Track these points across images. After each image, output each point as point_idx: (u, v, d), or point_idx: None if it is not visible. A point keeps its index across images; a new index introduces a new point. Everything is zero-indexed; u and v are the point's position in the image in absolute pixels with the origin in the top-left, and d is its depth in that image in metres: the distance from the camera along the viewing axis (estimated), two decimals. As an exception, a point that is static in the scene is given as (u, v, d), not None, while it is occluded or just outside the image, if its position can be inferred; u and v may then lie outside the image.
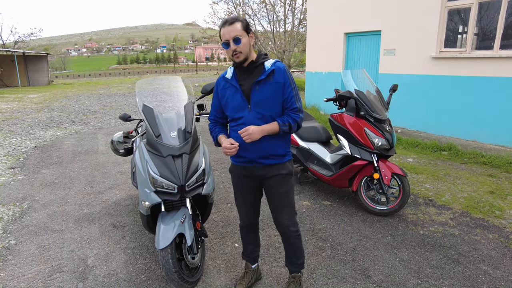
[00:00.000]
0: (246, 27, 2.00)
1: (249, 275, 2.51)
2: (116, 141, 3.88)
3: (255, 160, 2.15)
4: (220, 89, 2.19)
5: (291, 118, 2.09)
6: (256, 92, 2.05)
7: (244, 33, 1.98)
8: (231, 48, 1.98)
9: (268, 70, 2.04)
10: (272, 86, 2.04)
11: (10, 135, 7.56)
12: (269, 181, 2.20)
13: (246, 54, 2.01)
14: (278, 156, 2.16)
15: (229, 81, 2.13)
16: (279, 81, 2.04)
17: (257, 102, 2.05)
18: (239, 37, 1.95)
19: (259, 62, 2.07)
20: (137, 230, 3.38)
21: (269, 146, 2.11)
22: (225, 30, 1.96)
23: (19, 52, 24.34)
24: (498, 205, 3.78)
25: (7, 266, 2.82)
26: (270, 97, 2.05)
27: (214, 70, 56.57)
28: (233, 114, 2.14)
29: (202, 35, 19.20)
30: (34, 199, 4.14)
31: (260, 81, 2.04)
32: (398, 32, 7.12)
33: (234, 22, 1.96)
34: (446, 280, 2.56)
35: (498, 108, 5.73)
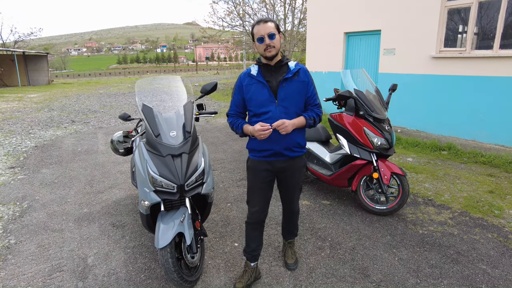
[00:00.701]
0: (277, 27, 2.22)
1: (248, 273, 2.55)
2: (116, 140, 3.89)
3: (281, 152, 2.33)
4: (245, 84, 2.32)
5: (314, 113, 2.36)
6: (283, 88, 2.26)
7: (276, 31, 2.19)
8: (266, 43, 2.16)
9: (294, 69, 2.28)
10: (298, 84, 2.28)
11: (10, 135, 7.57)
12: (287, 172, 2.42)
13: (277, 50, 2.21)
14: (300, 148, 2.40)
15: (254, 78, 2.29)
16: (304, 80, 2.30)
17: (284, 98, 2.26)
18: (274, 33, 2.16)
19: (284, 62, 2.29)
20: (136, 229, 3.38)
21: (294, 138, 2.32)
22: (260, 27, 2.17)
23: (19, 52, 24.34)
24: (498, 205, 3.79)
25: (7, 265, 2.82)
26: (296, 94, 2.28)
27: (214, 70, 56.55)
28: (257, 109, 2.29)
29: (202, 34, 19.21)
30: (34, 199, 4.14)
31: (287, 79, 2.26)
32: (398, 32, 7.12)
33: (268, 21, 2.19)
34: (445, 280, 2.57)
35: (498, 108, 5.73)
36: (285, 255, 2.81)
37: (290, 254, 2.79)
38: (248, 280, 2.52)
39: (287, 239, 2.86)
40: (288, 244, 2.85)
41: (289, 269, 2.73)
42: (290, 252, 2.81)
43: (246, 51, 21.40)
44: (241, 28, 17.96)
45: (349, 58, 8.61)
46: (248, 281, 2.52)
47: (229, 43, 22.04)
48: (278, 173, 2.43)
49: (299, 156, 2.42)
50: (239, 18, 17.54)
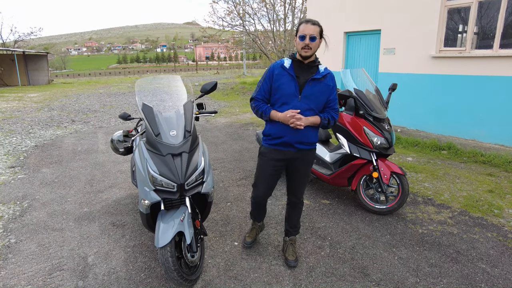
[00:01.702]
0: (321, 32, 2.39)
1: (256, 229, 3.05)
2: (116, 140, 3.89)
3: (293, 143, 2.50)
4: (276, 73, 2.48)
5: (330, 115, 2.51)
6: (309, 87, 2.43)
7: (319, 35, 2.37)
8: (305, 42, 2.34)
9: (323, 72, 2.46)
10: (323, 86, 2.46)
11: (10, 134, 7.57)
12: (296, 164, 2.61)
13: (314, 52, 2.40)
14: (310, 144, 2.56)
15: (286, 70, 2.45)
16: (330, 84, 2.48)
17: (307, 95, 2.44)
18: (315, 37, 2.34)
19: (316, 63, 2.48)
20: (136, 228, 3.39)
21: (306, 134, 2.49)
22: (307, 27, 2.34)
23: (19, 51, 24.32)
24: (497, 204, 3.79)
25: (8, 264, 2.83)
26: (319, 94, 2.46)
27: (214, 69, 56.53)
28: (280, 99, 2.46)
29: (202, 34, 19.19)
30: (34, 198, 4.15)
31: (315, 79, 2.44)
32: (398, 31, 7.13)
33: (316, 24, 2.36)
34: (444, 279, 2.57)
35: (498, 107, 5.73)
36: (286, 252, 2.84)
37: (291, 251, 2.82)
38: (256, 235, 3.06)
39: (288, 236, 2.90)
40: (289, 241, 2.88)
41: (289, 266, 2.74)
42: (291, 249, 2.83)
43: (246, 50, 21.39)
44: (241, 28, 17.94)
45: (349, 58, 8.61)
46: (256, 235, 3.06)
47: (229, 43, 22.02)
48: (288, 163, 2.61)
49: (309, 149, 2.58)
50: (239, 18, 17.52)
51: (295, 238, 2.91)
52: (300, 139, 2.49)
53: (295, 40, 2.44)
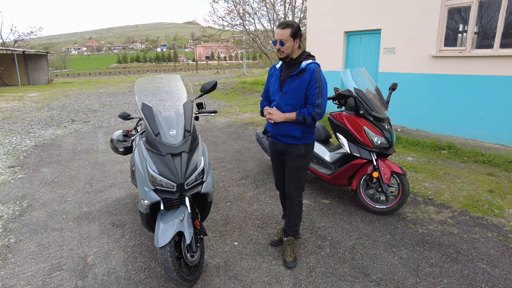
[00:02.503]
0: (294, 33, 2.50)
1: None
2: (115, 139, 3.88)
3: (276, 136, 2.72)
4: (270, 74, 2.78)
5: (307, 111, 2.53)
6: (288, 83, 2.58)
7: (290, 38, 2.49)
8: (277, 47, 2.55)
9: (301, 68, 2.54)
10: (300, 81, 2.53)
11: (10, 134, 7.56)
12: (285, 156, 2.75)
13: (287, 53, 2.55)
14: (293, 138, 2.64)
15: (276, 70, 2.71)
16: (306, 78, 2.52)
17: (286, 91, 2.59)
18: (284, 41, 2.49)
19: (297, 60, 2.58)
20: (136, 228, 3.38)
21: (286, 128, 2.62)
22: (278, 32, 2.52)
23: (19, 51, 24.32)
24: (497, 204, 3.78)
25: (7, 264, 2.82)
26: (295, 90, 2.55)
27: (214, 69, 56.50)
28: (271, 96, 2.74)
29: (202, 33, 19.18)
30: (34, 198, 4.14)
31: (292, 75, 2.56)
32: (398, 31, 7.11)
33: (286, 28, 2.48)
34: (445, 279, 2.57)
35: (498, 107, 5.72)
36: (284, 253, 2.85)
37: (288, 252, 2.83)
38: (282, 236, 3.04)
39: (286, 235, 2.92)
40: (286, 242, 2.89)
41: (287, 267, 2.75)
42: (288, 250, 2.84)
43: (246, 50, 21.38)
44: (241, 27, 17.93)
45: (349, 57, 8.60)
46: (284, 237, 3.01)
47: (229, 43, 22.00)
48: (283, 155, 2.77)
49: (294, 144, 2.66)
50: (239, 17, 17.51)
51: (292, 239, 2.90)
52: (280, 131, 2.66)
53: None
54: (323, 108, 2.54)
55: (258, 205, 3.88)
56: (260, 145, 4.94)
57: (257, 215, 3.64)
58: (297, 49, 2.58)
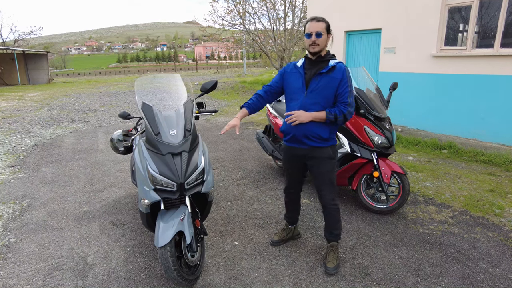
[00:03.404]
0: (327, 28, 2.43)
1: (286, 231, 3.04)
2: (115, 139, 3.88)
3: (301, 139, 2.52)
4: (288, 71, 2.60)
5: (338, 109, 2.44)
6: (315, 81, 2.45)
7: (325, 31, 2.41)
8: (312, 39, 2.40)
9: (330, 65, 2.44)
10: (329, 79, 2.43)
11: (10, 133, 7.56)
12: (311, 161, 2.60)
13: (321, 48, 2.43)
14: (319, 139, 2.51)
15: (297, 68, 2.55)
16: (337, 76, 2.42)
17: (313, 89, 2.45)
18: (321, 33, 2.39)
19: (325, 58, 2.49)
20: (136, 228, 3.38)
21: (312, 128, 2.47)
22: (312, 24, 2.40)
23: (19, 51, 24.30)
24: (498, 204, 3.78)
25: (7, 264, 2.82)
26: (325, 88, 2.44)
27: (214, 69, 56.49)
28: (291, 95, 2.55)
29: (203, 33, 19.17)
30: (34, 197, 4.14)
31: (321, 73, 2.45)
32: (399, 30, 7.11)
33: (321, 21, 2.41)
34: (445, 278, 2.56)
35: (499, 107, 5.72)
36: (326, 258, 2.73)
37: (331, 258, 2.70)
38: (285, 236, 3.01)
39: (328, 241, 2.81)
40: (329, 247, 2.77)
41: (328, 273, 2.63)
42: (332, 256, 2.71)
43: (246, 50, 21.36)
44: (241, 27, 17.91)
45: (350, 57, 8.59)
46: (284, 237, 3.01)
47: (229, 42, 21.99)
48: (305, 160, 2.62)
49: (321, 147, 2.52)
50: (239, 17, 17.49)
51: (336, 244, 2.77)
52: (305, 133, 2.48)
53: (304, 39, 2.48)
54: (353, 107, 2.49)
55: (258, 204, 3.88)
56: (260, 144, 4.93)
57: (257, 214, 3.64)
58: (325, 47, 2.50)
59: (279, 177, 4.71)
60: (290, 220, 3.01)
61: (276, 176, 4.75)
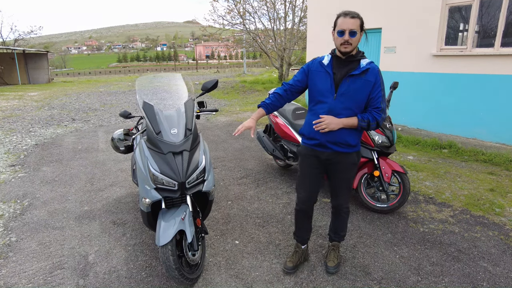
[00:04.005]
0: (362, 26, 2.19)
1: (298, 254, 2.70)
2: (116, 138, 3.88)
3: (326, 144, 2.31)
4: (313, 70, 2.33)
5: (371, 116, 2.25)
6: (346, 83, 2.21)
7: (359, 29, 2.16)
8: (344, 38, 2.15)
9: (363, 67, 2.21)
10: (363, 82, 2.21)
11: (10, 133, 7.56)
12: (334, 166, 2.41)
13: (354, 47, 2.18)
14: (347, 146, 2.32)
15: (324, 66, 2.29)
16: (370, 79, 2.21)
17: (344, 93, 2.22)
18: (356, 31, 2.14)
19: (357, 58, 2.24)
20: (137, 227, 3.38)
21: (341, 135, 2.27)
22: (346, 20, 2.15)
23: (19, 50, 24.30)
24: (498, 203, 3.78)
25: (8, 263, 2.83)
26: (357, 92, 2.21)
27: (215, 68, 56.48)
28: (317, 97, 2.30)
29: (203, 33, 19.17)
30: (35, 197, 4.14)
31: (353, 75, 2.21)
32: (399, 30, 7.11)
33: (356, 17, 2.16)
34: (446, 277, 2.57)
35: (499, 106, 5.72)
36: (327, 257, 2.69)
37: (332, 257, 2.66)
38: (298, 261, 2.68)
39: (331, 241, 2.75)
40: (331, 246, 2.73)
41: (329, 272, 2.60)
42: (333, 255, 2.67)
43: (246, 49, 21.37)
44: (241, 26, 17.92)
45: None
46: (298, 261, 2.68)
47: (230, 42, 22.00)
48: (326, 164, 2.43)
49: (347, 152, 2.36)
50: (240, 16, 17.50)
51: (338, 244, 2.74)
52: (334, 139, 2.29)
53: (333, 35, 2.24)
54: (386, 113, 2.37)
55: (259, 203, 3.88)
56: (260, 143, 4.93)
57: (258, 213, 3.64)
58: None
59: (280, 177, 4.71)
60: (302, 239, 2.73)
61: (277, 176, 4.75)
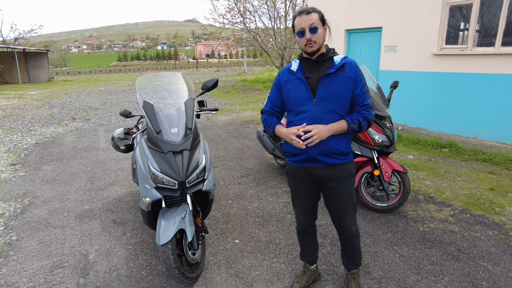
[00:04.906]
0: (322, 19, 1.98)
1: (307, 274, 2.47)
2: (116, 137, 3.89)
3: (316, 157, 2.03)
4: (283, 80, 2.11)
5: (360, 115, 2.00)
6: (324, 85, 1.98)
7: (320, 23, 1.95)
8: (306, 37, 1.94)
9: (338, 64, 1.98)
10: (342, 80, 1.97)
11: (11, 132, 7.57)
12: (330, 183, 2.10)
13: (320, 44, 1.97)
14: (340, 155, 2.05)
15: (294, 73, 2.06)
16: (350, 75, 1.98)
17: (324, 96, 1.98)
18: (316, 27, 1.93)
19: (328, 55, 2.02)
20: (138, 226, 3.39)
21: (332, 144, 2.00)
22: (302, 18, 1.94)
23: (19, 49, 24.31)
24: (498, 202, 3.78)
25: (9, 261, 2.83)
26: (339, 92, 1.97)
27: (215, 67, 56.46)
28: (295, 107, 2.05)
29: (203, 31, 19.15)
30: (35, 196, 4.15)
31: (329, 74, 1.98)
32: (399, 29, 7.10)
33: (311, 12, 1.95)
34: (445, 276, 2.57)
35: (499, 105, 5.71)
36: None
37: (353, 287, 2.34)
38: (306, 282, 2.44)
39: (348, 270, 2.39)
40: (350, 276, 2.38)
41: None
42: (354, 284, 2.34)
43: (247, 48, 21.35)
44: (241, 25, 17.89)
45: (350, 55, 8.58)
46: (307, 283, 2.44)
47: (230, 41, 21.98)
48: (320, 183, 2.14)
49: (342, 163, 2.06)
50: (240, 15, 17.47)
51: (356, 272, 2.39)
52: (325, 151, 2.01)
53: (295, 38, 2.02)
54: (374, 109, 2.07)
55: (259, 203, 3.89)
56: (261, 143, 4.93)
57: (258, 213, 3.65)
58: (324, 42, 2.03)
59: (280, 176, 4.72)
60: (309, 259, 2.47)
61: (277, 175, 4.76)
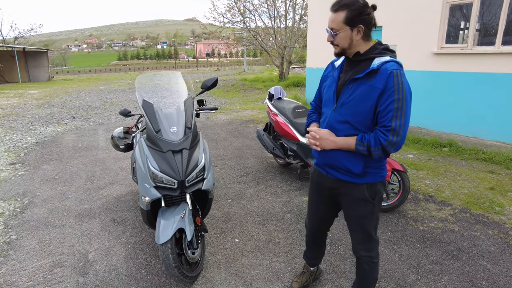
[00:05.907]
0: (350, 19, 1.68)
1: (306, 275, 2.44)
2: (116, 136, 3.88)
3: (322, 166, 1.88)
4: (325, 75, 1.94)
5: (375, 137, 1.62)
6: (348, 91, 1.69)
7: (344, 26, 1.67)
8: (327, 39, 1.76)
9: (371, 68, 1.64)
10: (367, 88, 1.63)
11: (10, 131, 7.56)
12: (341, 198, 1.90)
13: (344, 47, 1.72)
14: (349, 173, 1.78)
15: (334, 69, 1.87)
16: (377, 85, 1.61)
17: (344, 103, 1.71)
18: (336, 31, 1.70)
19: (366, 56, 1.69)
20: (137, 225, 3.39)
21: (339, 158, 1.76)
22: (330, 16, 1.73)
23: (19, 48, 24.27)
24: (498, 201, 3.78)
25: (8, 260, 2.83)
26: (358, 101, 1.66)
27: (215, 66, 56.41)
28: (323, 107, 1.89)
29: (203, 31, 19.15)
30: (35, 195, 4.15)
31: (356, 79, 1.67)
32: (399, 28, 7.09)
33: (339, 11, 1.70)
34: (445, 276, 2.57)
35: (499, 105, 5.71)
36: None
37: None
38: (306, 282, 2.42)
39: None
40: None
41: None
42: None
43: (247, 47, 21.34)
44: (241, 24, 17.89)
45: (350, 55, 8.57)
46: (306, 283, 2.42)
47: (230, 40, 21.98)
48: (332, 194, 1.94)
49: (351, 182, 1.79)
50: (240, 14, 17.47)
51: None
52: (330, 162, 1.81)
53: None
54: (403, 136, 1.60)
55: (258, 202, 3.88)
56: (260, 142, 4.93)
57: (258, 212, 3.65)
58: (363, 41, 1.71)
59: (280, 175, 4.71)
60: (311, 261, 2.40)
61: (277, 174, 4.75)
